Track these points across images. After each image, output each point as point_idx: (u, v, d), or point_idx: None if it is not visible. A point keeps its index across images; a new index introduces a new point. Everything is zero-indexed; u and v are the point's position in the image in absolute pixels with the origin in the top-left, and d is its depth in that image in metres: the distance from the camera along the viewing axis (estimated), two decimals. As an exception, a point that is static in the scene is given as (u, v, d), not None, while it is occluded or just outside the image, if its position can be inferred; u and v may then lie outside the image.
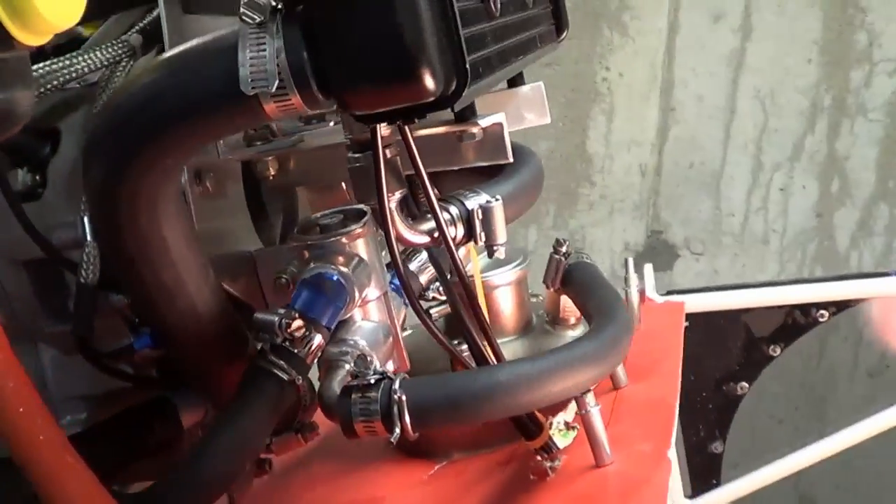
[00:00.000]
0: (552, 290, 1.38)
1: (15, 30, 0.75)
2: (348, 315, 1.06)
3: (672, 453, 1.25)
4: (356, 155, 0.98)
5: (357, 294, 1.05)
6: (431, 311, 1.36)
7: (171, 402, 1.16)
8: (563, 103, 2.85)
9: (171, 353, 1.08)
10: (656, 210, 2.91)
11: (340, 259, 1.06)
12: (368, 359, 1.05)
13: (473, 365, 1.10)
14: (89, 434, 1.13)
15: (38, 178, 1.13)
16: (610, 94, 2.86)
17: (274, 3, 0.82)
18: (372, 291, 1.08)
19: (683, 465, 1.87)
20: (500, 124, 1.04)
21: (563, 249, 1.34)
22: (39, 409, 0.92)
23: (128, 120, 0.87)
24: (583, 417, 1.17)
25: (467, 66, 0.81)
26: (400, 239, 1.00)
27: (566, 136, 2.89)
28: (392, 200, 0.98)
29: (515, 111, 1.27)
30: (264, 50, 0.80)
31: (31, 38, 0.80)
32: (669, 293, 1.81)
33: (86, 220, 1.06)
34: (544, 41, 1.23)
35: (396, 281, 1.17)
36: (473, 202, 1.04)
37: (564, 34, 1.39)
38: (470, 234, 1.03)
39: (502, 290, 1.41)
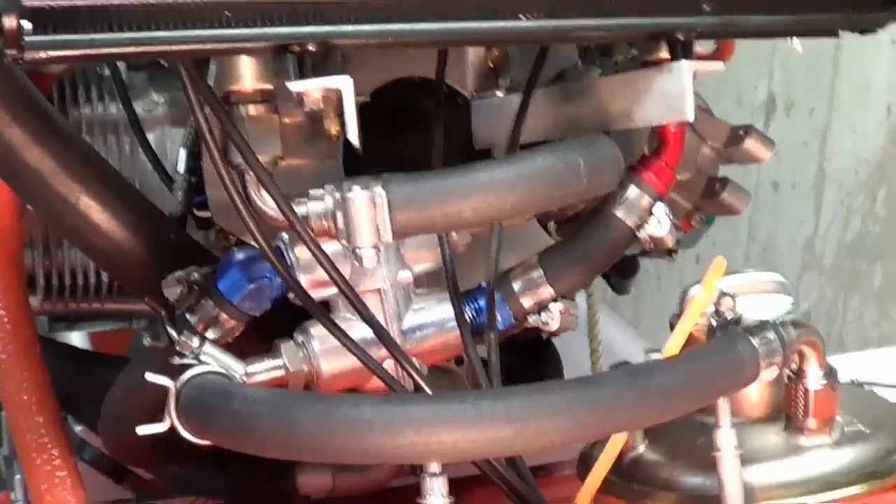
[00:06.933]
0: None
1: None
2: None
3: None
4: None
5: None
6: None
7: (292, 469, 1.23)
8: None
9: None
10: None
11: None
12: (305, 359, 0.93)
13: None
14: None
15: None
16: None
17: None
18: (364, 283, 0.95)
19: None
20: (338, 90, 0.82)
21: (723, 309, 0.94)
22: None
23: None
24: None
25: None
26: (263, 216, 0.88)
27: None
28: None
29: (656, 99, 0.96)
30: None
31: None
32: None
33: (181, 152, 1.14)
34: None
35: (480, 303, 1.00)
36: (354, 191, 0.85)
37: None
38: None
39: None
